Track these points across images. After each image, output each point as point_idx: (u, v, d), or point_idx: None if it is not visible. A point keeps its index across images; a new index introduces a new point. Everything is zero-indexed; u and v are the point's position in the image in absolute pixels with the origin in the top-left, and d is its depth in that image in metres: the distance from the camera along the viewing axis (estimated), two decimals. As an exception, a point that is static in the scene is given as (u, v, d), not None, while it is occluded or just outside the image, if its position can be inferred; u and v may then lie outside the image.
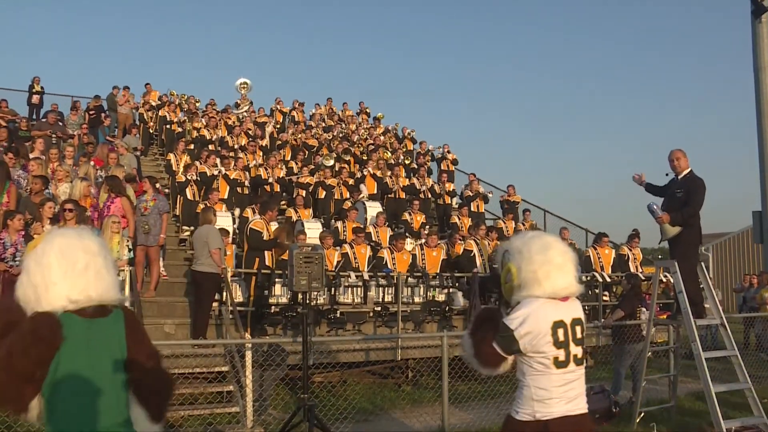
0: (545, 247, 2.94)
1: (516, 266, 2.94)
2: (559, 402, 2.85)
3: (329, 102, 21.88)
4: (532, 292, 2.88)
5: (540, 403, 2.85)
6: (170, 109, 17.56)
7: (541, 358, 2.84)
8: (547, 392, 2.85)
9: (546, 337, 2.83)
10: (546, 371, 2.85)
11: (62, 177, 9.61)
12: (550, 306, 2.88)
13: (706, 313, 7.19)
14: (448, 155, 17.79)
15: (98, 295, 2.32)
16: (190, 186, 12.27)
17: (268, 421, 7.18)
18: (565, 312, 2.91)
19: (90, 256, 2.35)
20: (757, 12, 11.89)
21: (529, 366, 2.87)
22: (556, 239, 3.08)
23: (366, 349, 9.31)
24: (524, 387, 2.89)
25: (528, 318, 2.83)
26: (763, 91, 11.97)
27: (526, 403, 2.88)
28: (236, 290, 9.54)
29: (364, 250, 10.82)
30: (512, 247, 3.03)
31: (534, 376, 2.86)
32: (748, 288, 14.95)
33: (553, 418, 2.83)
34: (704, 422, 7.29)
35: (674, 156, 6.90)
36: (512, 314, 2.89)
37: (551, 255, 2.92)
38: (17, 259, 7.50)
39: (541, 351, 2.83)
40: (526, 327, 2.82)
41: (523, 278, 2.91)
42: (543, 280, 2.88)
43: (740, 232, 30.90)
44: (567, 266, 2.95)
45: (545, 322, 2.84)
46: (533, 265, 2.89)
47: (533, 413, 2.85)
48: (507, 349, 2.86)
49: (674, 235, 6.79)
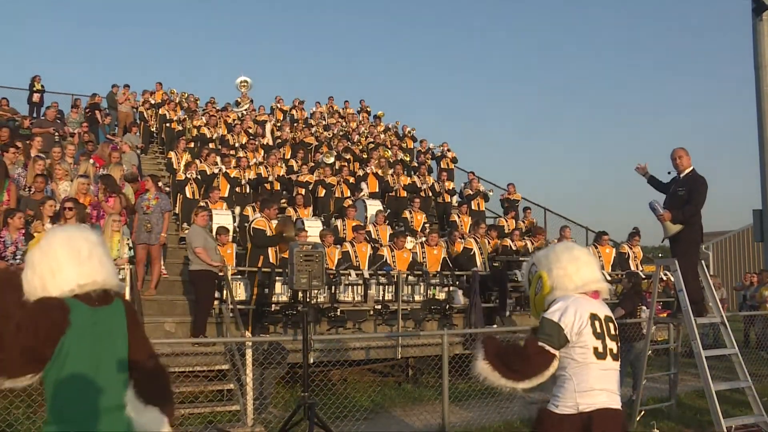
0: (569, 248, 3.17)
1: (546, 270, 3.09)
2: (601, 394, 2.90)
3: (330, 100, 21.87)
4: (567, 288, 3.02)
5: (583, 395, 2.88)
6: (170, 108, 17.55)
7: (583, 348, 2.90)
8: (589, 384, 2.89)
9: (586, 327, 2.91)
10: (586, 362, 2.90)
11: (62, 175, 9.62)
12: (584, 300, 3.00)
13: (706, 312, 7.19)
14: (448, 153, 17.79)
15: (103, 280, 2.43)
16: (190, 184, 12.29)
17: (269, 419, 7.19)
18: (597, 308, 3.02)
19: (92, 244, 2.47)
20: (757, 10, 11.86)
21: (570, 359, 2.92)
22: (576, 243, 3.27)
23: (366, 348, 9.32)
24: (566, 380, 2.93)
25: (568, 308, 2.94)
26: (764, 89, 11.94)
27: (568, 396, 2.91)
28: (238, 288, 9.55)
29: (364, 248, 10.83)
30: (536, 257, 3.22)
31: (575, 368, 2.92)
32: (748, 286, 14.95)
33: (597, 409, 2.87)
34: (704, 421, 7.30)
35: (676, 154, 6.91)
36: (550, 309, 2.98)
37: (577, 253, 3.12)
38: (17, 258, 7.50)
39: (582, 341, 2.90)
40: (569, 316, 2.92)
41: (555, 278, 3.05)
42: (574, 275, 3.03)
43: (740, 231, 30.88)
44: (593, 263, 3.15)
45: (583, 312, 2.94)
46: (562, 263, 3.06)
47: (576, 405, 2.89)
48: (556, 343, 2.91)
49: (675, 233, 6.80)
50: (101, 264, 2.45)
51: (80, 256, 2.40)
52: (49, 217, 8.14)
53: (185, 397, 7.26)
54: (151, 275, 9.59)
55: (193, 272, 8.76)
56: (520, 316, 11.39)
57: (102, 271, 2.44)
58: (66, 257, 2.38)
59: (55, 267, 2.35)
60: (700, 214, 6.81)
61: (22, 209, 8.24)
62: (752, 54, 12.14)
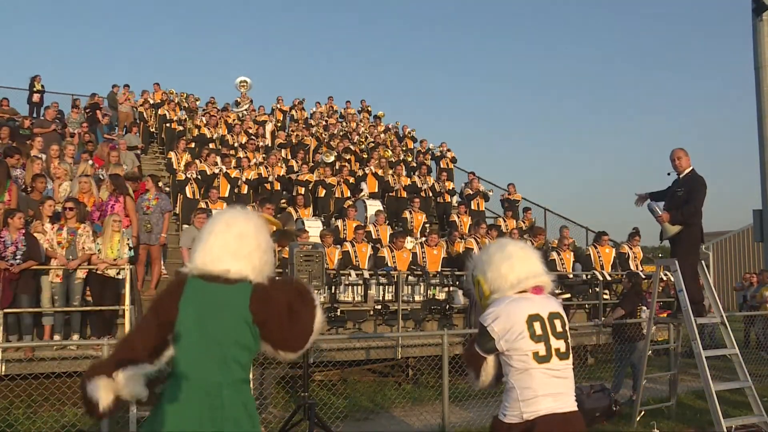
0: (502, 246, 3.01)
1: (481, 274, 2.98)
2: (545, 399, 2.79)
3: (330, 100, 21.87)
4: (503, 290, 2.90)
5: (526, 403, 2.79)
6: (170, 108, 17.55)
7: (520, 355, 2.80)
8: (531, 391, 2.79)
9: (521, 332, 2.79)
10: (527, 368, 2.80)
11: (62, 175, 9.61)
12: (522, 301, 2.86)
13: (706, 312, 7.19)
14: (447, 153, 17.80)
15: (221, 270, 2.65)
16: (190, 184, 12.29)
17: (269, 419, 7.19)
18: (540, 306, 2.87)
19: (224, 234, 2.71)
20: (758, 10, 11.88)
21: (510, 366, 2.83)
22: (512, 239, 3.18)
23: (366, 348, 9.31)
24: (509, 389, 2.85)
25: (500, 314, 2.83)
26: (764, 89, 11.96)
27: (512, 405, 2.84)
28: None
29: (364, 248, 10.83)
30: (473, 261, 3.09)
31: (517, 375, 2.82)
32: (748, 287, 14.96)
33: (540, 416, 2.77)
34: (704, 421, 7.30)
35: (675, 155, 6.91)
36: (484, 313, 2.90)
37: (510, 250, 2.97)
38: (18, 258, 7.50)
39: (518, 347, 2.79)
40: (500, 323, 2.81)
41: (491, 281, 2.94)
42: (508, 274, 2.89)
43: (740, 231, 30.89)
44: (529, 257, 2.98)
45: (518, 316, 2.81)
46: (494, 264, 2.94)
47: (520, 414, 2.80)
48: (484, 348, 2.87)
49: (675, 234, 6.80)
50: (232, 255, 2.66)
51: (206, 243, 2.72)
52: (49, 217, 8.15)
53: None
54: (152, 275, 9.58)
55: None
56: (520, 316, 11.38)
57: (225, 260, 2.66)
58: (198, 241, 2.75)
59: (193, 247, 2.80)
60: (700, 214, 6.80)
61: (23, 209, 8.24)
62: (752, 54, 12.15)
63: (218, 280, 2.64)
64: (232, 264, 2.65)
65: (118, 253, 8.01)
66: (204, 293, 2.64)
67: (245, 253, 2.69)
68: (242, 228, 2.73)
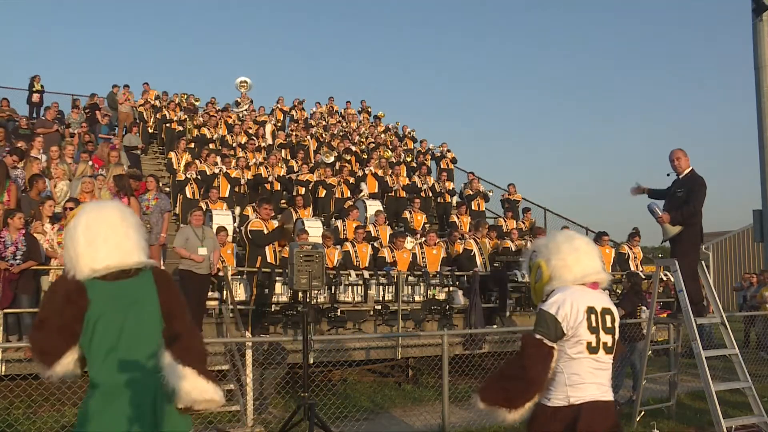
0: (570, 238, 3.14)
1: (545, 260, 3.07)
2: (591, 386, 2.91)
3: (330, 100, 21.86)
4: (564, 280, 3.00)
5: (573, 388, 2.90)
6: (170, 108, 17.55)
7: (576, 342, 2.90)
8: (579, 377, 2.90)
9: (582, 320, 2.90)
10: (579, 356, 2.90)
11: (60, 176, 9.61)
12: (581, 291, 2.98)
13: (706, 312, 7.19)
14: (448, 154, 17.79)
15: (117, 263, 2.60)
16: (190, 184, 12.30)
17: (269, 419, 7.19)
18: (595, 300, 2.99)
19: (111, 228, 2.63)
20: (757, 10, 11.87)
21: (562, 352, 2.92)
22: (578, 233, 3.28)
23: (366, 348, 9.31)
24: (557, 373, 2.93)
25: (564, 301, 2.92)
26: (764, 90, 11.95)
27: (559, 389, 2.92)
28: (238, 289, 9.55)
29: (364, 248, 10.83)
30: (537, 245, 3.19)
31: (567, 362, 2.91)
32: (748, 287, 14.96)
33: (586, 402, 2.89)
34: (704, 421, 7.30)
35: (675, 156, 6.91)
36: (547, 301, 2.96)
37: (577, 243, 3.09)
38: (18, 258, 7.50)
39: (578, 334, 2.89)
40: (565, 309, 2.90)
41: (554, 267, 3.03)
42: (573, 266, 3.00)
43: (740, 231, 30.89)
44: (593, 253, 3.11)
45: (580, 306, 2.92)
46: (562, 254, 3.03)
47: (567, 398, 2.90)
48: (552, 335, 2.90)
49: (674, 234, 6.80)
50: (117, 247, 2.61)
51: (95, 243, 2.59)
52: (48, 218, 8.15)
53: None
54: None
55: (179, 271, 8.79)
56: (520, 317, 11.40)
57: (116, 254, 2.60)
58: (84, 244, 2.59)
59: (74, 254, 2.60)
60: (700, 214, 6.80)
61: (24, 210, 8.24)
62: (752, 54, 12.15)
63: (123, 276, 2.60)
64: (137, 255, 2.62)
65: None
66: (112, 293, 2.57)
67: (137, 239, 2.66)
68: (121, 215, 2.68)
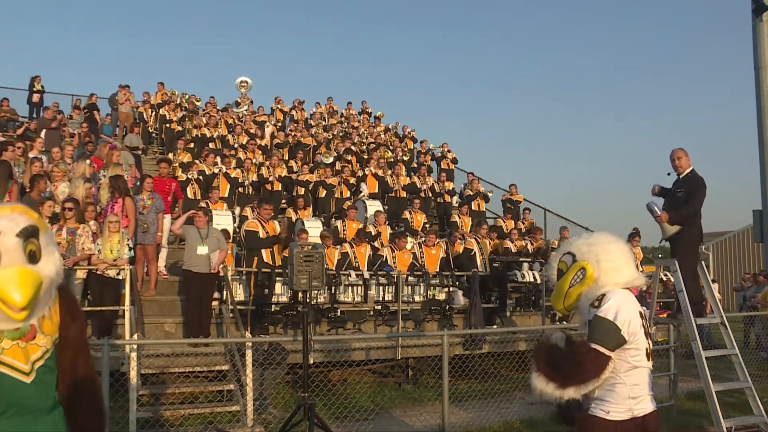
0: (615, 240, 2.97)
1: (592, 262, 2.86)
2: (649, 397, 2.81)
3: (329, 101, 21.87)
4: (611, 284, 2.82)
5: (636, 400, 2.75)
6: (170, 108, 17.56)
7: (637, 350, 2.74)
8: (641, 388, 2.76)
9: (640, 326, 2.76)
10: (639, 364, 2.75)
11: (60, 176, 9.61)
12: (632, 297, 2.84)
13: (706, 312, 7.19)
14: (448, 154, 17.80)
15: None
16: (191, 185, 12.30)
17: (269, 419, 7.18)
18: (638, 305, 2.86)
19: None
20: (757, 11, 11.89)
21: (623, 361, 2.73)
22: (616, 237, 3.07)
23: (366, 348, 9.31)
24: (617, 384, 2.74)
25: (622, 306, 2.74)
26: (764, 90, 11.97)
27: (620, 402, 2.74)
28: (238, 289, 9.55)
29: (364, 249, 10.83)
30: (575, 247, 2.97)
31: (629, 372, 2.74)
32: (747, 287, 14.95)
33: (648, 414, 2.77)
34: (704, 421, 7.30)
35: (675, 155, 6.90)
36: (602, 307, 2.76)
37: (623, 246, 2.94)
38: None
39: (638, 340, 2.74)
40: (623, 314, 2.72)
41: (603, 269, 2.83)
42: (623, 268, 2.84)
43: (740, 231, 30.90)
44: (632, 258, 2.97)
45: (634, 311, 2.77)
46: (611, 255, 2.86)
47: (630, 410, 2.74)
48: (612, 344, 2.70)
49: (674, 234, 6.80)
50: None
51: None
52: (48, 218, 8.14)
53: (185, 398, 7.26)
54: (149, 275, 9.58)
55: (183, 271, 8.80)
56: (520, 317, 11.39)
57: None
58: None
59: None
60: (699, 214, 6.80)
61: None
62: (752, 54, 12.16)
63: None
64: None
65: (117, 254, 8.01)
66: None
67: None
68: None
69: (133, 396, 6.36)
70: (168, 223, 9.95)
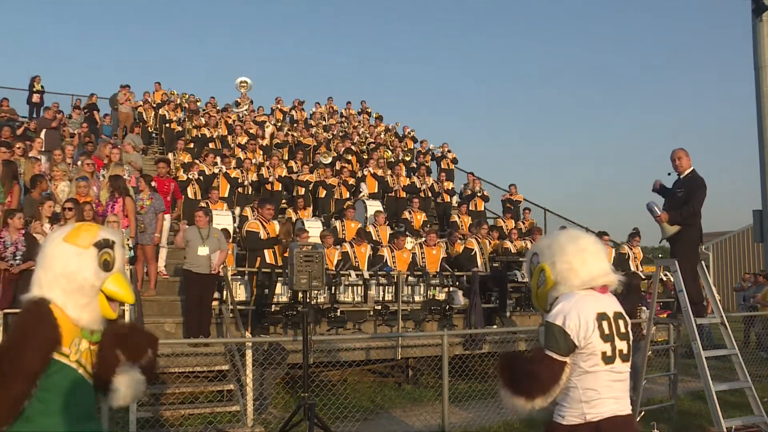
0: (575, 237, 2.86)
1: (548, 263, 2.80)
2: (608, 401, 2.69)
3: (329, 101, 21.86)
4: (570, 285, 2.75)
5: (589, 404, 2.67)
6: (170, 108, 17.55)
7: (590, 354, 2.66)
8: (595, 392, 2.68)
9: (594, 329, 2.65)
10: (594, 368, 2.67)
11: (60, 176, 9.61)
12: (589, 298, 2.73)
13: (706, 312, 7.18)
14: (448, 154, 17.80)
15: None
16: (192, 185, 12.30)
17: (269, 420, 7.18)
18: (606, 304, 2.76)
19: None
20: (757, 11, 11.88)
21: (576, 365, 2.69)
22: (582, 232, 2.97)
23: (366, 348, 9.31)
24: (570, 389, 2.71)
25: (571, 310, 2.67)
26: (764, 90, 11.96)
27: (573, 405, 2.70)
28: (238, 289, 9.55)
29: (364, 249, 10.83)
30: (539, 247, 2.92)
31: (581, 375, 2.68)
32: (747, 287, 14.95)
33: (604, 418, 2.67)
34: (705, 421, 7.30)
35: (676, 155, 6.90)
36: (552, 312, 2.72)
37: (583, 243, 2.82)
38: (17, 258, 7.50)
39: (590, 345, 2.65)
40: (572, 318, 2.65)
41: (559, 272, 2.77)
42: (580, 269, 2.74)
43: (740, 231, 30.89)
44: (601, 253, 2.85)
45: (589, 314, 2.67)
46: (567, 256, 2.77)
47: (583, 415, 2.68)
48: (563, 349, 2.66)
49: (674, 234, 6.80)
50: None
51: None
52: (48, 218, 8.15)
53: (185, 398, 7.26)
54: (148, 275, 9.58)
55: (183, 271, 8.81)
56: (520, 317, 11.39)
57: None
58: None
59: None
60: (699, 214, 6.80)
61: (27, 210, 8.24)
62: (752, 54, 12.15)
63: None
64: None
65: (117, 254, 8.00)
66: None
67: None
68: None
69: (133, 396, 6.35)
70: (167, 223, 9.95)
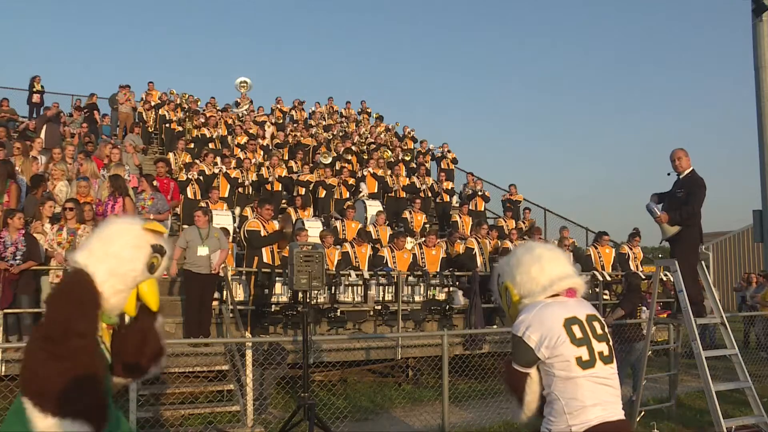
0: (530, 248, 2.84)
1: (510, 279, 2.79)
2: (594, 409, 2.58)
3: (330, 101, 21.85)
4: (534, 294, 2.71)
5: (572, 415, 2.57)
6: (170, 108, 17.55)
7: (562, 362, 2.58)
8: (578, 401, 2.57)
9: (560, 336, 2.58)
10: (572, 376, 2.58)
11: (59, 176, 9.61)
12: (555, 305, 2.68)
13: (706, 312, 7.19)
14: (448, 154, 17.80)
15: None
16: (192, 185, 12.30)
17: (269, 420, 7.18)
18: (575, 309, 2.69)
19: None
20: (757, 10, 11.86)
21: (552, 375, 2.61)
22: (539, 242, 2.99)
23: (366, 348, 9.31)
24: (552, 400, 2.62)
25: (532, 320, 2.63)
26: (764, 90, 11.94)
27: (558, 417, 2.60)
28: (238, 289, 9.54)
29: (364, 249, 10.83)
30: (500, 267, 2.91)
31: (560, 385, 2.60)
32: (747, 287, 14.95)
33: (591, 427, 2.56)
34: (704, 421, 7.30)
35: (676, 155, 6.90)
36: (515, 322, 2.69)
37: (538, 252, 2.80)
38: (17, 258, 7.50)
39: (559, 353, 2.57)
40: (535, 330, 2.61)
41: (520, 285, 2.74)
42: (539, 276, 2.71)
43: (740, 231, 30.87)
44: (559, 258, 2.81)
45: (553, 321, 2.61)
46: (524, 266, 2.75)
47: (568, 427, 2.58)
48: (521, 360, 2.64)
49: (674, 234, 6.79)
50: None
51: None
52: (48, 218, 8.15)
53: (185, 398, 7.26)
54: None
55: (184, 271, 8.81)
56: (520, 317, 11.37)
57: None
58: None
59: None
60: (699, 214, 6.80)
61: (28, 210, 8.25)
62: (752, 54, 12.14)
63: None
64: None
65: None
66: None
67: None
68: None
69: (133, 396, 6.36)
70: (168, 223, 9.93)
